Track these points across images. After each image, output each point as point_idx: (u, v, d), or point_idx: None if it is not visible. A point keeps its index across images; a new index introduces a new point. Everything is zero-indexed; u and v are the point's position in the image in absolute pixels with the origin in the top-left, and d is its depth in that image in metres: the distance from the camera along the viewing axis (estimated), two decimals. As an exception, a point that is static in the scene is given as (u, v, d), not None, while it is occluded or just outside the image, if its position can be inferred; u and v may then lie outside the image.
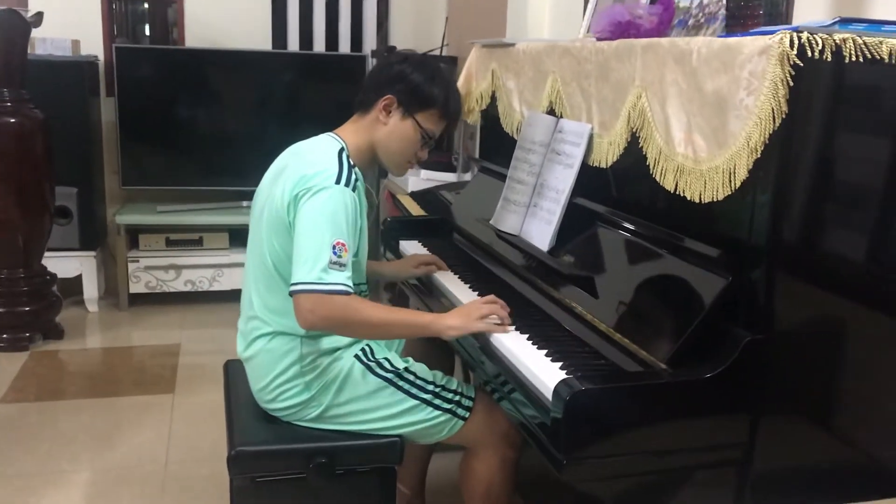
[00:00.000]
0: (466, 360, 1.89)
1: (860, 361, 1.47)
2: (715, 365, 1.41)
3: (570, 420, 1.37)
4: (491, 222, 2.29)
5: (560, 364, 1.61)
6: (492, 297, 1.89)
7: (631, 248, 1.76)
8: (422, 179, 3.75)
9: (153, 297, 4.39)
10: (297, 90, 4.58)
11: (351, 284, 1.76)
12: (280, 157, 1.99)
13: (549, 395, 1.46)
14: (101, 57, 4.36)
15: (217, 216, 4.35)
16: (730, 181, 1.43)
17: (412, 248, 2.60)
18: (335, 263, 1.74)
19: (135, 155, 4.36)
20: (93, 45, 4.33)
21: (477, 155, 2.95)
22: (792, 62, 1.29)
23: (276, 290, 1.87)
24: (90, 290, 4.29)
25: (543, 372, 1.57)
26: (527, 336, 1.77)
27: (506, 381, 1.66)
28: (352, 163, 1.88)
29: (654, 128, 1.67)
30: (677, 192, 1.58)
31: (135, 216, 4.29)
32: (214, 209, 4.39)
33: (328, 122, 2.03)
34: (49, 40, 4.03)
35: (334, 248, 1.74)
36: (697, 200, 1.52)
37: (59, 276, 4.12)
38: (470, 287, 2.15)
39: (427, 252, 2.51)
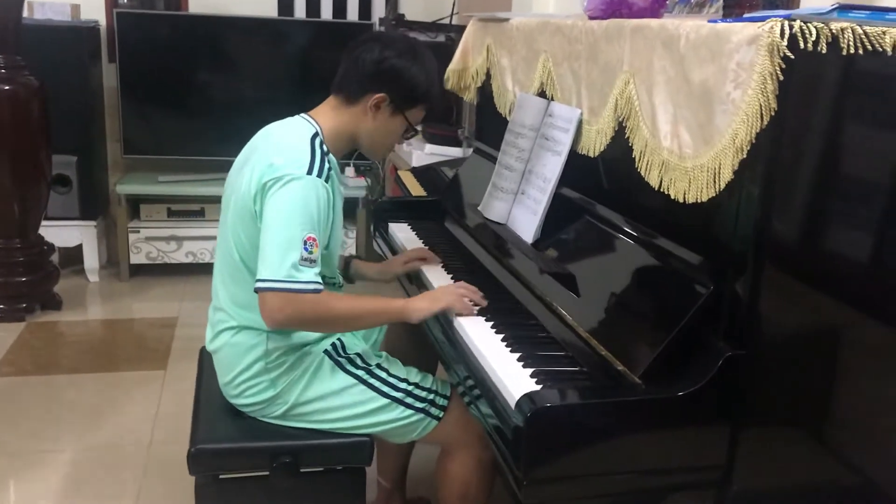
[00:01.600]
0: (442, 359, 1.79)
1: (849, 379, 1.35)
2: (691, 381, 1.30)
3: (531, 438, 1.27)
4: (479, 208, 2.18)
5: (531, 371, 1.50)
6: (462, 283, 1.85)
7: (614, 247, 1.65)
8: (426, 154, 3.63)
9: (154, 268, 4.34)
10: (304, 58, 4.44)
11: (321, 281, 1.67)
12: (252, 140, 1.89)
13: (513, 405, 1.36)
14: (103, 22, 4.26)
15: (220, 187, 4.10)
16: (714, 181, 1.30)
17: (401, 230, 2.50)
18: (306, 260, 1.64)
19: (137, 123, 4.27)
20: (93, 9, 4.23)
21: (473, 135, 2.83)
22: (782, 54, 1.16)
23: (241, 282, 1.78)
24: (91, 259, 4.24)
25: (512, 379, 1.47)
26: (502, 336, 1.67)
27: (474, 386, 1.56)
28: (325, 149, 1.78)
29: (641, 118, 1.54)
30: (662, 189, 1.46)
31: (136, 186, 4.22)
32: (217, 180, 4.29)
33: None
34: (47, 4, 3.95)
35: (305, 243, 1.65)
36: (682, 200, 1.39)
37: (60, 245, 4.10)
38: (452, 278, 2.05)
39: (415, 236, 2.41)
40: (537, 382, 1.46)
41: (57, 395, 3.05)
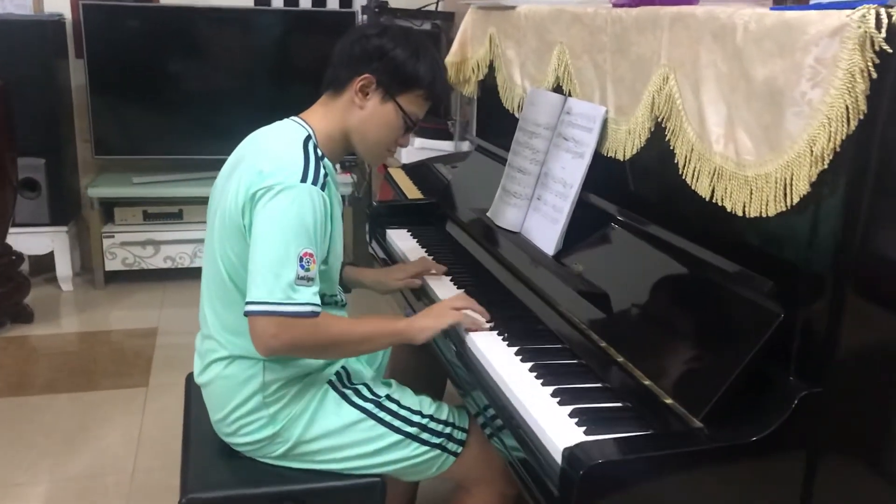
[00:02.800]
0: (455, 382, 1.62)
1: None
2: (761, 425, 1.13)
3: (582, 496, 1.10)
4: (488, 215, 2.00)
5: (570, 409, 1.32)
6: (462, 293, 1.72)
7: (658, 265, 1.46)
8: (416, 149, 3.44)
9: (131, 275, 4.12)
10: (283, 50, 4.21)
11: (319, 302, 1.49)
12: (238, 148, 1.69)
13: (558, 458, 1.18)
14: (68, 15, 4.01)
15: (198, 187, 4.02)
16: (785, 194, 1.13)
17: (401, 238, 2.31)
18: (303, 278, 1.46)
19: (108, 122, 4.03)
20: (57, 1, 3.98)
21: (474, 131, 2.64)
22: (878, 48, 0.99)
23: (232, 306, 1.59)
24: (63, 267, 4.01)
25: (550, 422, 1.29)
26: (530, 366, 1.49)
27: (496, 416, 1.39)
28: (320, 154, 1.59)
29: (685, 119, 1.37)
30: (714, 200, 1.29)
31: (109, 188, 3.99)
32: (195, 180, 4.08)
33: (316, 86, 1.72)
34: (7, -3, 3.70)
35: (301, 259, 1.46)
36: (741, 213, 1.22)
37: (30, 253, 3.88)
38: (463, 293, 1.86)
39: (416, 244, 2.23)
40: (578, 424, 1.28)
41: (30, 419, 2.84)
